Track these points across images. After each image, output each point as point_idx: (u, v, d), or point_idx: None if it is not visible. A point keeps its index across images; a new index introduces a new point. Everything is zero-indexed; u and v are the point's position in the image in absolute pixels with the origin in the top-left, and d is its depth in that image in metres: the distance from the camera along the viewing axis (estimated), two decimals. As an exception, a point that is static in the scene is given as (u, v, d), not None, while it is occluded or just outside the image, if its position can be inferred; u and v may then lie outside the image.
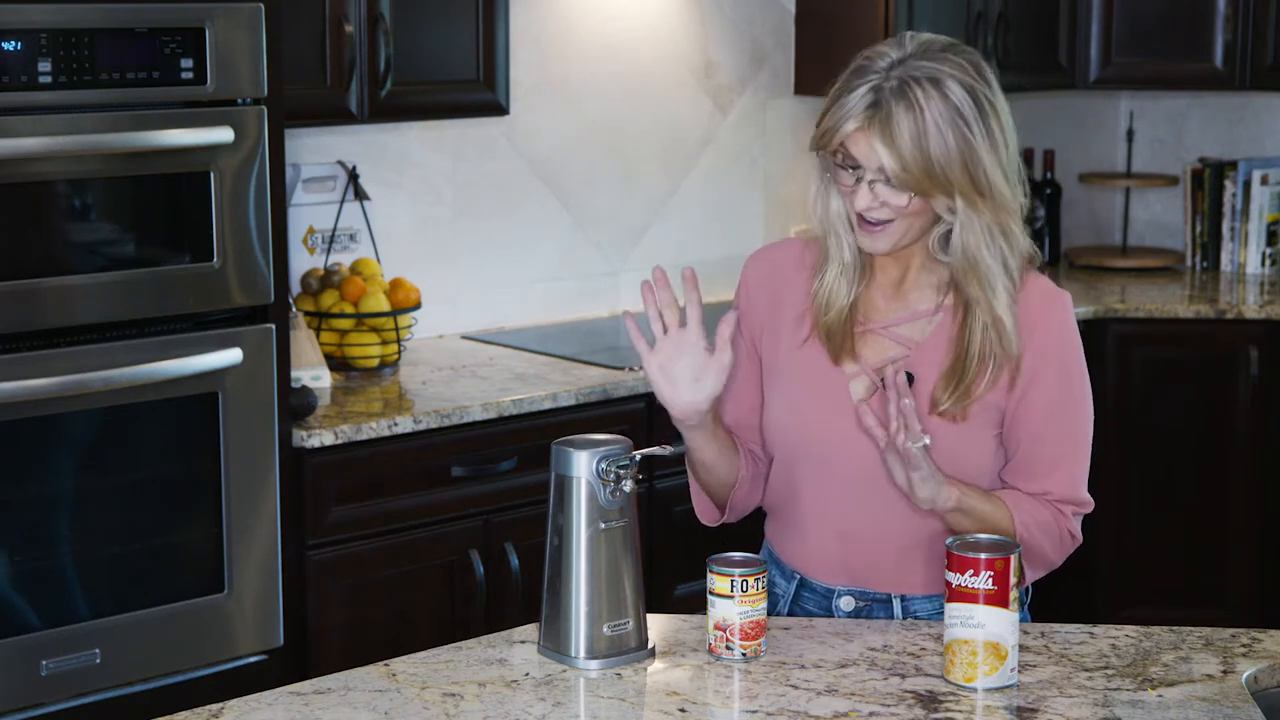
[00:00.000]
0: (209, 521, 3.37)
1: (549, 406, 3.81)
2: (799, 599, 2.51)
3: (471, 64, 4.00)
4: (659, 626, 2.39)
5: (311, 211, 4.14)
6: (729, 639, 2.27)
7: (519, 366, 4.08)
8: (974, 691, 2.18)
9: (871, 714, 2.12)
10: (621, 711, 2.14)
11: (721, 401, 2.58)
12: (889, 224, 2.35)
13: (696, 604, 2.66)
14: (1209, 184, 5.42)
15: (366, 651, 3.34)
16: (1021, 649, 2.30)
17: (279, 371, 3.42)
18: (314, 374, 3.79)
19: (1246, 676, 2.25)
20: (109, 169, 3.20)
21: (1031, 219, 2.50)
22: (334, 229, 4.17)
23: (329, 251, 4.17)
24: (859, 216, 2.36)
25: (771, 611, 2.47)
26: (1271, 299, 5.00)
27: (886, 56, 2.32)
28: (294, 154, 4.04)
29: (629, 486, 2.26)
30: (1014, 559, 2.18)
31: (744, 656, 2.27)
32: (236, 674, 3.41)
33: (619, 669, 2.26)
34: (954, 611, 2.19)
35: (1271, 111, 5.52)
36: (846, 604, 2.48)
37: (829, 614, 2.49)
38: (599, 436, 2.30)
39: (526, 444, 3.78)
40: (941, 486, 2.32)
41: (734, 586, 2.25)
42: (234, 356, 3.33)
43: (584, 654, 2.26)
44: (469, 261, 4.45)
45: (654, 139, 4.77)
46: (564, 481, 2.26)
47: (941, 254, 2.40)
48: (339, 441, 3.54)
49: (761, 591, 2.27)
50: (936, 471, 2.32)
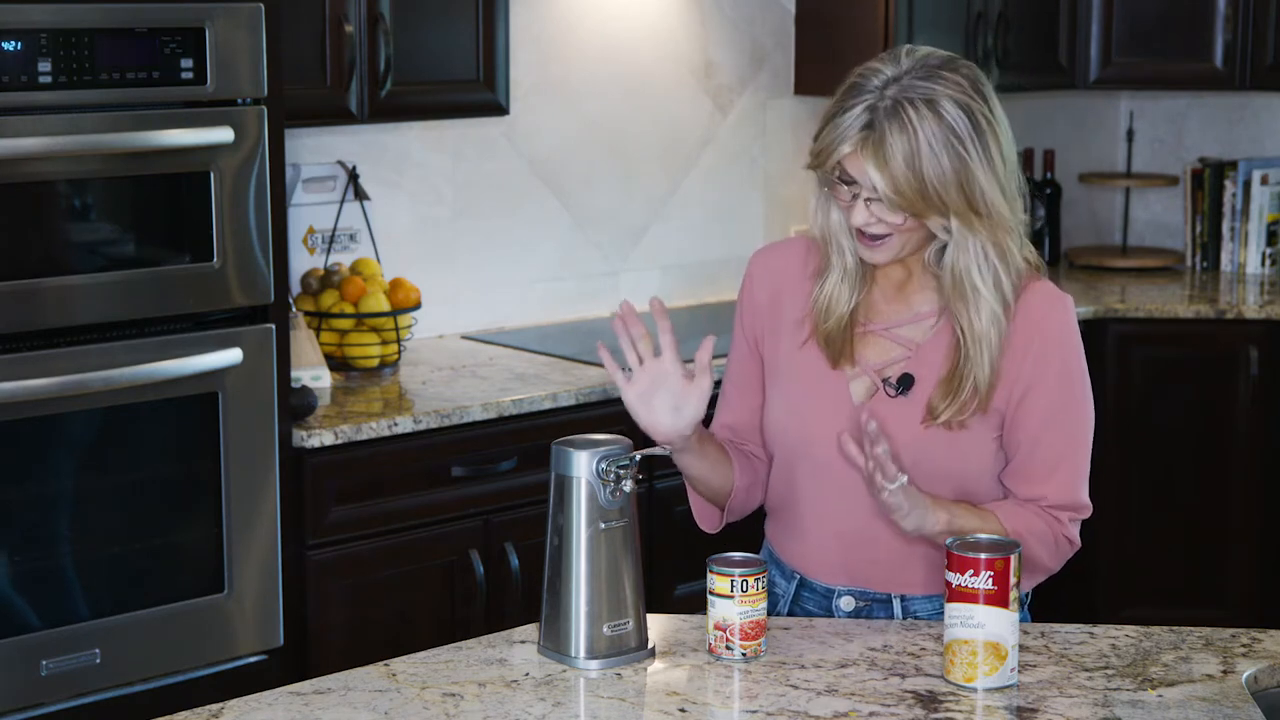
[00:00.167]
0: (209, 521, 3.37)
1: (549, 406, 3.81)
2: (799, 599, 2.51)
3: (471, 64, 3.99)
4: (659, 626, 2.39)
5: (311, 211, 4.14)
6: (729, 639, 2.27)
7: (519, 366, 4.08)
8: (974, 691, 2.18)
9: (871, 714, 2.12)
10: (621, 711, 2.14)
11: (723, 403, 2.58)
12: (887, 238, 2.35)
13: (696, 604, 2.66)
14: (1209, 184, 5.42)
15: (366, 651, 3.34)
16: (1021, 649, 2.30)
17: (279, 371, 3.42)
18: (314, 374, 3.79)
19: (1246, 676, 2.25)
20: (109, 169, 3.20)
21: (1031, 221, 2.48)
22: (334, 229, 4.16)
23: (329, 251, 4.17)
24: (857, 230, 2.36)
25: (771, 611, 2.47)
26: (1271, 299, 5.00)
27: (881, 74, 2.30)
28: (294, 154, 4.04)
29: (629, 486, 2.26)
30: (1014, 559, 2.18)
31: (744, 656, 2.27)
32: (236, 674, 3.41)
33: (619, 669, 2.26)
34: (954, 611, 2.19)
35: (1271, 111, 5.52)
36: (846, 604, 2.48)
37: (829, 614, 2.48)
38: (599, 436, 2.30)
39: (526, 444, 3.78)
40: (928, 514, 2.31)
41: (734, 586, 2.25)
42: (234, 356, 3.33)
43: (584, 654, 2.26)
44: (469, 261, 4.45)
45: (654, 139, 4.77)
46: (564, 481, 2.26)
47: (936, 268, 2.40)
48: (339, 441, 3.54)
49: (761, 591, 2.27)
50: (920, 500, 2.30)
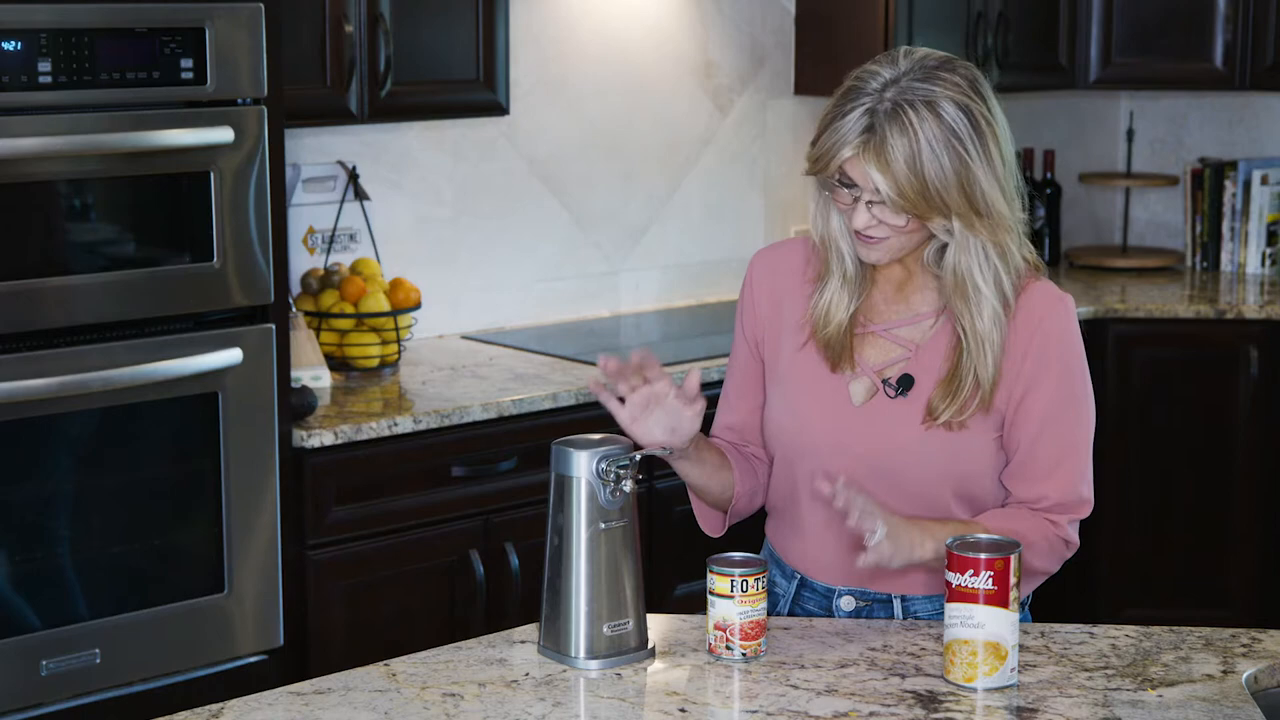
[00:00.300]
0: (209, 521, 3.37)
1: (549, 406, 3.81)
2: (799, 599, 2.51)
3: (471, 64, 3.99)
4: (659, 626, 2.39)
5: (311, 211, 4.14)
6: (729, 639, 2.27)
7: (519, 366, 4.08)
8: (974, 691, 2.18)
9: (871, 714, 2.12)
10: (621, 711, 2.14)
11: (724, 403, 2.58)
12: (886, 239, 2.35)
13: (696, 604, 2.66)
14: (1209, 184, 5.42)
15: (366, 651, 3.34)
16: (1021, 649, 2.30)
17: (279, 371, 3.42)
18: (314, 374, 3.79)
19: (1246, 676, 2.25)
20: (109, 169, 3.20)
21: (1031, 221, 2.48)
22: (334, 229, 4.16)
23: (329, 251, 4.17)
24: (856, 232, 2.36)
25: (771, 611, 2.47)
26: (1271, 299, 5.00)
27: (879, 76, 2.29)
28: (294, 154, 4.04)
29: (629, 486, 2.26)
30: (1014, 559, 2.18)
31: (744, 656, 2.27)
32: (236, 674, 3.41)
33: (619, 669, 2.26)
34: (954, 611, 2.19)
35: (1271, 111, 5.52)
36: (847, 604, 2.48)
37: (829, 614, 2.48)
38: (599, 436, 2.30)
39: (526, 444, 3.78)
40: (914, 549, 2.30)
41: (734, 586, 2.25)
42: (234, 356, 3.33)
43: (584, 654, 2.26)
44: (469, 261, 4.45)
45: (654, 139, 4.77)
46: (564, 481, 2.26)
47: (936, 268, 2.39)
48: (339, 441, 3.54)
49: (761, 591, 2.27)
50: (903, 538, 2.29)
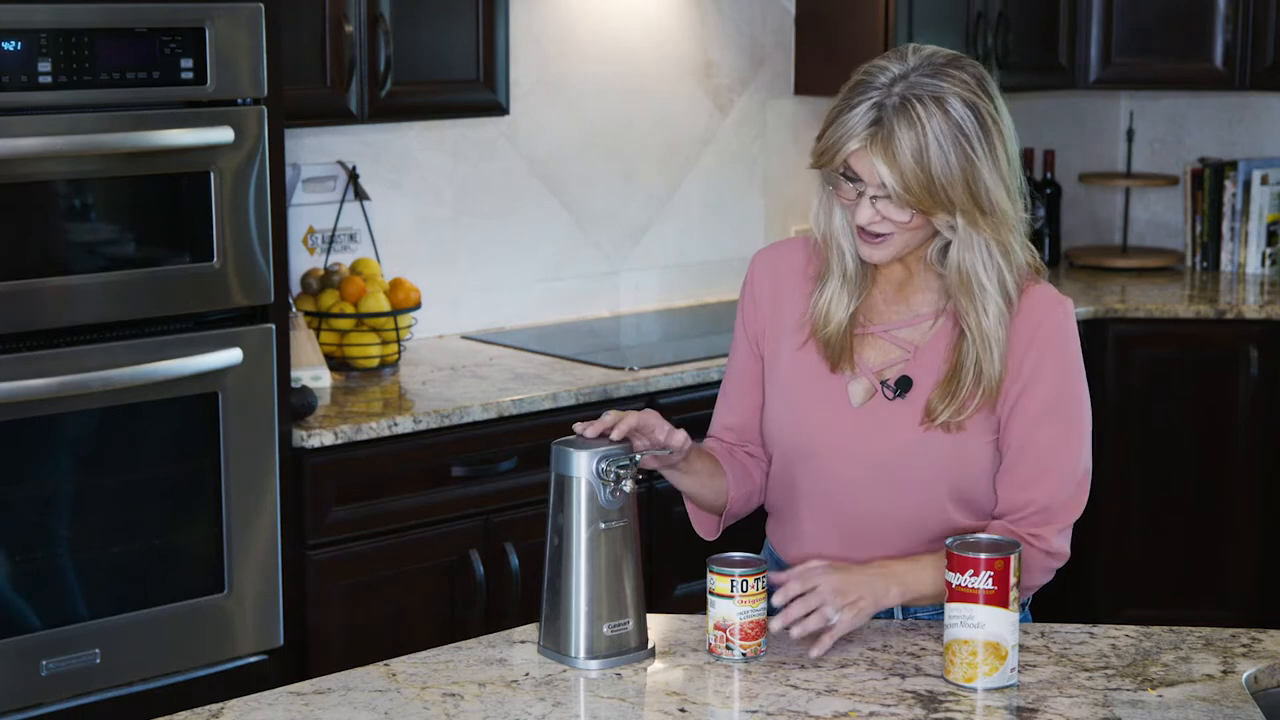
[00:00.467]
0: (209, 521, 3.37)
1: (549, 406, 3.81)
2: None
3: (471, 64, 3.99)
4: (659, 626, 2.39)
5: (311, 211, 4.14)
6: (729, 639, 2.27)
7: (519, 366, 4.08)
8: (974, 691, 2.18)
9: (871, 714, 2.12)
10: (621, 711, 2.14)
11: (723, 403, 2.58)
12: (889, 236, 2.34)
13: (696, 604, 2.66)
14: (1209, 184, 5.42)
15: (366, 651, 3.34)
16: (1021, 649, 2.30)
17: (279, 371, 3.42)
18: (314, 374, 3.79)
19: (1246, 676, 2.25)
20: (109, 169, 3.20)
21: (1031, 221, 2.48)
22: (334, 229, 4.16)
23: (329, 251, 4.17)
24: (859, 228, 2.36)
25: (772, 612, 2.46)
26: (1271, 299, 5.00)
27: (888, 71, 2.30)
28: (294, 154, 4.04)
29: (629, 486, 2.26)
30: (1014, 559, 2.18)
31: (744, 656, 2.27)
32: (236, 674, 3.41)
33: (619, 669, 2.26)
34: (954, 611, 2.19)
35: (1271, 111, 5.52)
36: (847, 604, 2.48)
37: (829, 614, 2.48)
38: (599, 436, 2.31)
39: (526, 444, 3.78)
40: (880, 599, 2.31)
41: (734, 586, 2.25)
42: (234, 356, 3.33)
43: (584, 654, 2.26)
44: (469, 261, 4.45)
45: (654, 139, 4.77)
46: (564, 481, 2.26)
47: (939, 266, 2.39)
48: (339, 441, 3.54)
49: (761, 591, 2.27)
50: (864, 598, 2.29)
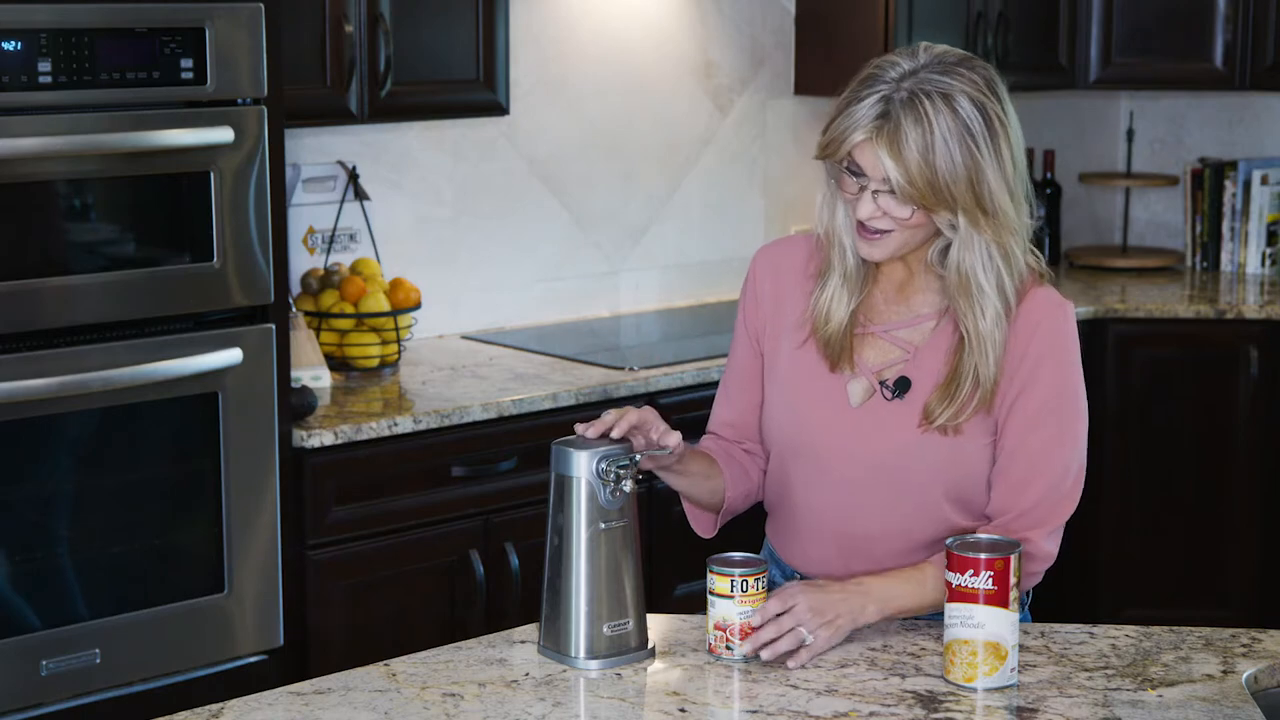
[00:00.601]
0: (209, 521, 3.37)
1: (549, 406, 3.81)
2: (799, 599, 2.51)
3: (471, 64, 3.99)
4: (659, 626, 2.39)
5: (311, 211, 4.14)
6: (729, 639, 2.27)
7: (519, 366, 4.08)
8: (974, 691, 2.18)
9: (871, 714, 2.12)
10: (621, 711, 2.14)
11: (723, 399, 2.58)
12: (889, 233, 2.34)
13: (696, 604, 2.66)
14: (1209, 184, 5.42)
15: (366, 651, 3.34)
16: (1021, 649, 2.30)
17: (279, 371, 3.42)
18: (314, 374, 3.79)
19: (1246, 676, 2.25)
20: (109, 169, 3.20)
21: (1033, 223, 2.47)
22: (334, 229, 4.16)
23: (329, 251, 4.17)
24: (859, 224, 2.36)
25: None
26: (1271, 299, 5.00)
27: (898, 66, 2.30)
28: (294, 154, 4.04)
29: (629, 486, 2.26)
30: (1014, 559, 2.18)
31: (744, 656, 2.27)
32: (236, 674, 3.41)
33: (619, 669, 2.26)
34: (954, 611, 2.19)
35: (1271, 111, 5.52)
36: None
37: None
38: (599, 436, 2.31)
39: (526, 444, 3.78)
40: (855, 618, 2.30)
41: (734, 586, 2.25)
42: (234, 356, 3.33)
43: (584, 654, 2.26)
44: (469, 261, 4.45)
45: (654, 139, 4.76)
46: (564, 481, 2.26)
47: (939, 268, 2.39)
48: (339, 441, 3.54)
49: (761, 591, 2.27)
50: (840, 617, 2.29)
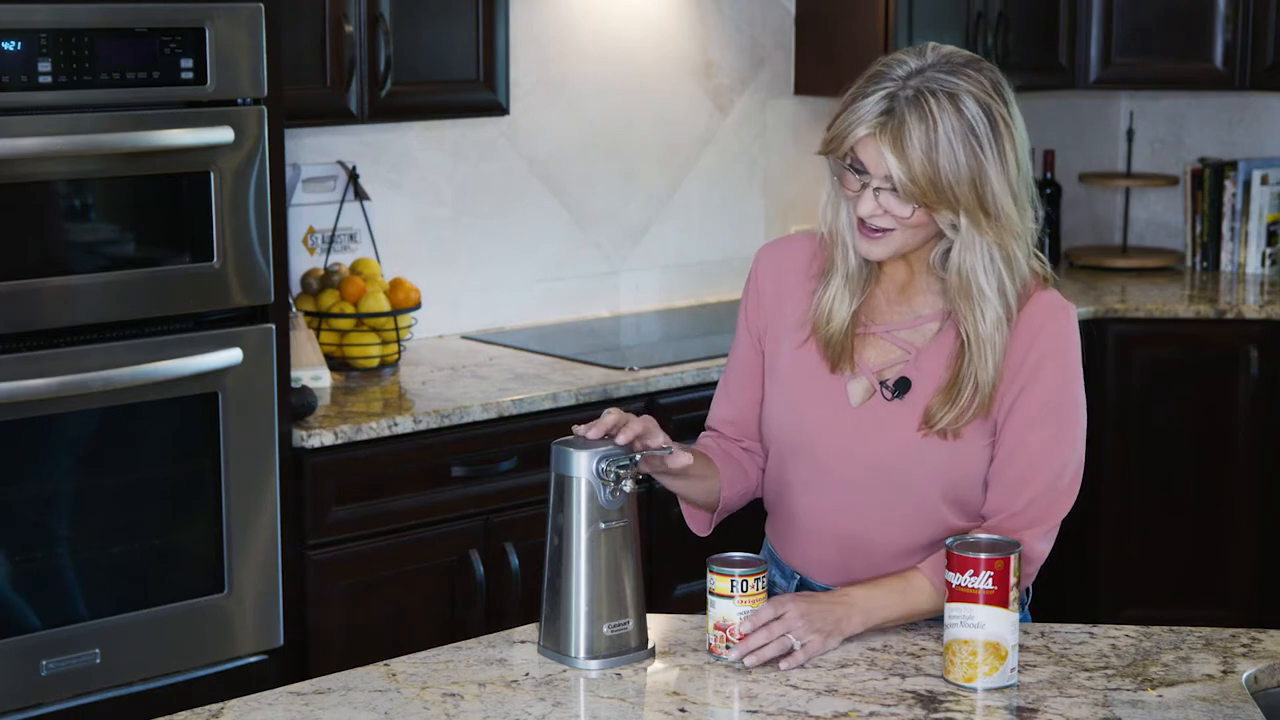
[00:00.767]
0: (209, 521, 3.37)
1: (549, 406, 3.81)
2: (799, 599, 2.51)
3: (471, 64, 3.99)
4: (659, 626, 2.39)
5: (311, 211, 4.14)
6: (729, 639, 2.27)
7: (519, 366, 4.08)
8: (974, 691, 2.18)
9: (871, 714, 2.12)
10: (621, 711, 2.14)
11: (722, 397, 2.58)
12: (890, 232, 2.34)
13: (696, 604, 2.66)
14: (1209, 184, 5.42)
15: (366, 651, 3.34)
16: (1021, 649, 2.30)
17: (279, 371, 3.42)
18: (314, 374, 3.79)
19: (1246, 676, 2.25)
20: (109, 169, 3.20)
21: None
22: (334, 229, 4.16)
23: (329, 251, 4.17)
24: (859, 221, 2.35)
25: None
26: (1271, 299, 5.00)
27: (905, 65, 2.30)
28: (294, 154, 4.04)
29: (629, 486, 2.26)
30: (1014, 559, 2.18)
31: (736, 661, 2.27)
32: (236, 674, 3.41)
33: (619, 669, 2.26)
34: (954, 611, 2.19)
35: (1271, 111, 5.52)
36: (846, 604, 2.48)
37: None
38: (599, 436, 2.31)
39: (526, 444, 3.78)
40: (841, 628, 2.30)
41: (734, 586, 2.25)
42: (234, 356, 3.33)
43: (584, 654, 2.26)
44: (469, 261, 4.45)
45: (654, 139, 4.76)
46: (564, 481, 2.26)
47: (941, 270, 2.39)
48: (339, 441, 3.54)
49: (761, 591, 2.27)
50: (828, 628, 2.29)
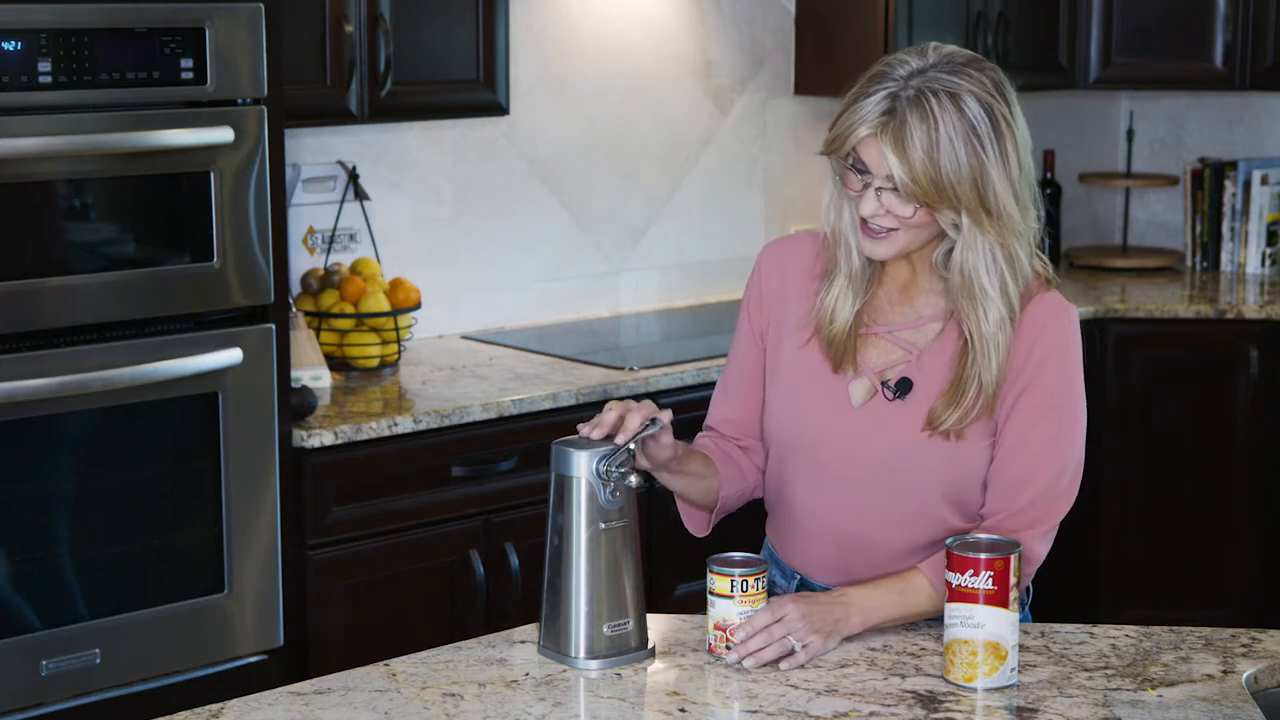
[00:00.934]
0: (209, 521, 3.37)
1: (549, 406, 3.81)
2: (799, 599, 2.51)
3: (471, 64, 3.99)
4: (659, 626, 2.39)
5: (311, 211, 4.14)
6: (729, 639, 2.27)
7: (519, 366, 4.08)
8: (974, 691, 2.18)
9: (871, 714, 2.12)
10: (621, 711, 2.14)
11: (723, 396, 2.58)
12: (892, 232, 2.34)
13: (696, 604, 2.66)
14: (1209, 184, 5.42)
15: (366, 651, 3.34)
16: (1021, 649, 2.30)
17: (279, 371, 3.42)
18: (314, 374, 3.79)
19: (1246, 676, 2.25)
20: (109, 169, 3.20)
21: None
22: (334, 229, 4.16)
23: (329, 251, 4.17)
24: (862, 221, 2.35)
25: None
26: (1271, 299, 5.00)
27: (907, 65, 2.30)
28: (294, 154, 4.04)
29: (633, 481, 2.26)
30: (1014, 559, 2.18)
31: (735, 664, 2.27)
32: (236, 674, 3.41)
33: (619, 669, 2.26)
34: (954, 611, 2.19)
35: (1271, 111, 5.52)
36: (846, 604, 2.48)
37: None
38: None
39: (526, 444, 3.78)
40: (839, 628, 2.30)
41: (734, 586, 2.25)
42: (234, 356, 3.33)
43: (584, 654, 2.26)
44: (469, 261, 4.45)
45: (654, 139, 4.76)
46: (564, 481, 2.27)
47: (943, 269, 2.39)
48: (339, 441, 3.54)
49: (761, 591, 2.27)
50: (827, 628, 2.29)
